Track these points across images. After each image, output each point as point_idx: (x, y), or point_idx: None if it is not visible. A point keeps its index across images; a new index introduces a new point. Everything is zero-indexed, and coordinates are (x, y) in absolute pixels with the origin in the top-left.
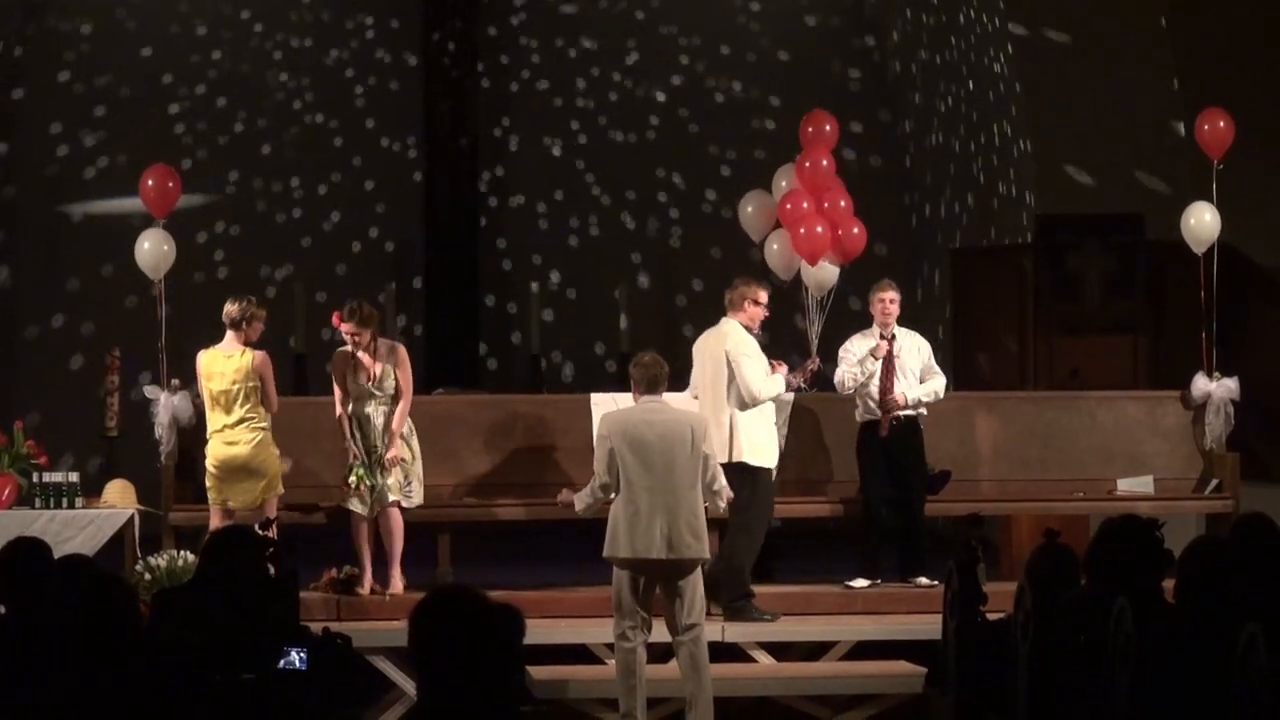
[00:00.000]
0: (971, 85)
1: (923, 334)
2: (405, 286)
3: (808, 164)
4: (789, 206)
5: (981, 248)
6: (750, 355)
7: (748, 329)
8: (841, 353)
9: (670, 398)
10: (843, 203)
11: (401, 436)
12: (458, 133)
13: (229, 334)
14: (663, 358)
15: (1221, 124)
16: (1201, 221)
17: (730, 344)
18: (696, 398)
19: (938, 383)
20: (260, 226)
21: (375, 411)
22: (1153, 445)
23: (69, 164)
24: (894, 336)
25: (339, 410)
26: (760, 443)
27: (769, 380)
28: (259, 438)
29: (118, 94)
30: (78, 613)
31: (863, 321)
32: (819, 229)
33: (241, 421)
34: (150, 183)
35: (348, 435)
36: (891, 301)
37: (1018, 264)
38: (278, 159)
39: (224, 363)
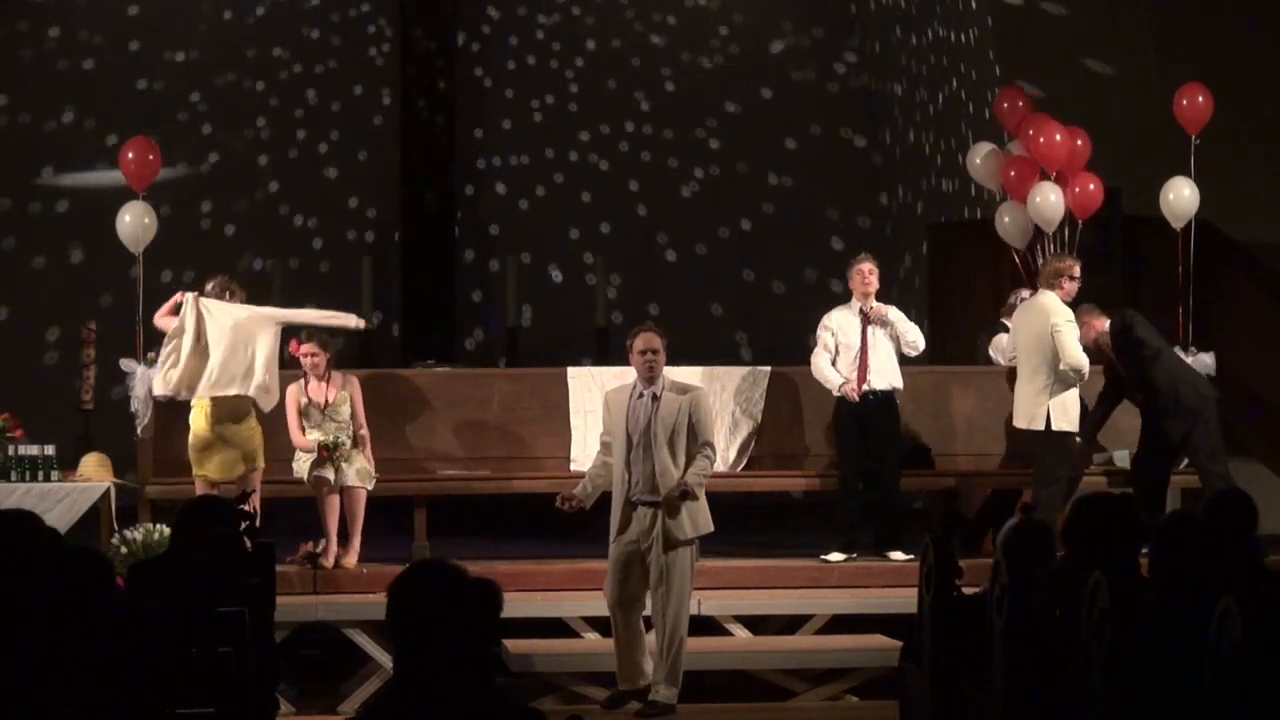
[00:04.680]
0: (947, 59)
1: (900, 308)
2: (382, 261)
3: (1031, 134)
4: (1013, 173)
5: (959, 222)
6: (1069, 328)
7: (1066, 304)
8: (820, 330)
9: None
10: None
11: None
12: (434, 106)
13: None
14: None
15: (1200, 99)
16: (1180, 197)
17: (1055, 318)
18: (1013, 363)
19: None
20: (236, 203)
21: (340, 435)
22: (1129, 419)
23: (41, 135)
24: (873, 311)
25: (299, 438)
26: (1073, 410)
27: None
28: (235, 411)
29: (93, 63)
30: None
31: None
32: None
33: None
34: (130, 155)
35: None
36: (870, 273)
37: (995, 238)
38: (254, 136)
39: None
